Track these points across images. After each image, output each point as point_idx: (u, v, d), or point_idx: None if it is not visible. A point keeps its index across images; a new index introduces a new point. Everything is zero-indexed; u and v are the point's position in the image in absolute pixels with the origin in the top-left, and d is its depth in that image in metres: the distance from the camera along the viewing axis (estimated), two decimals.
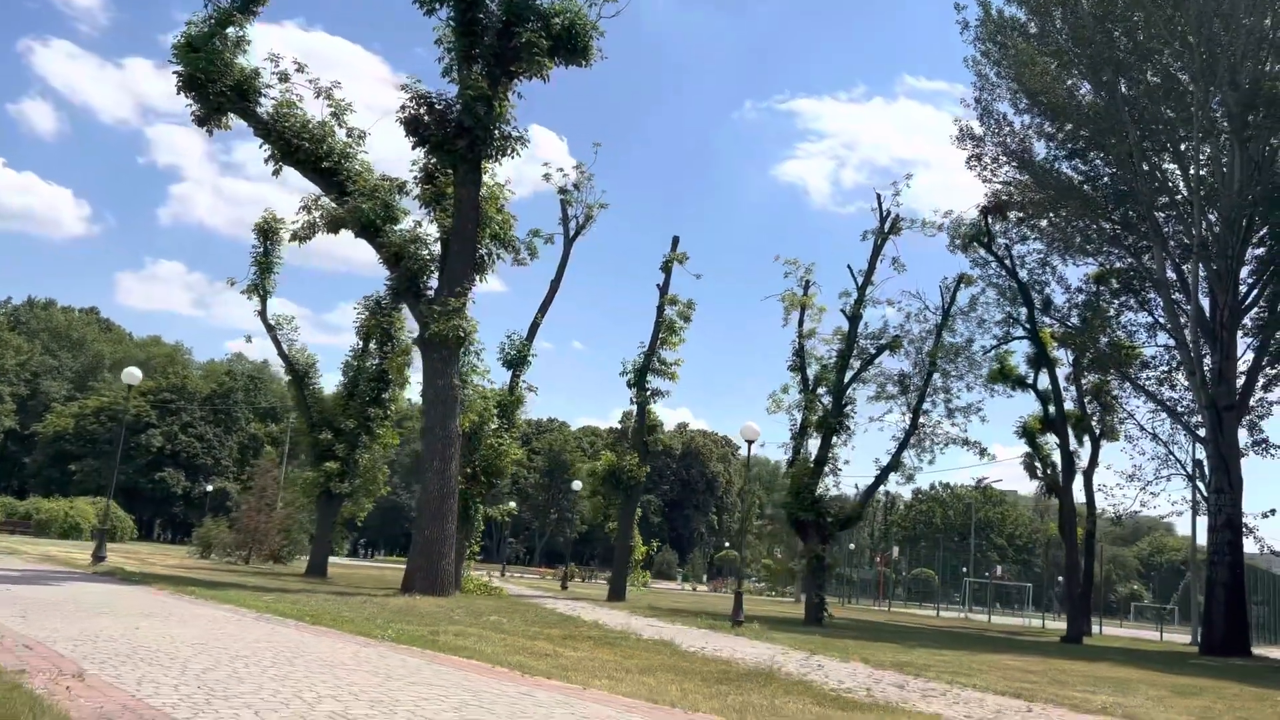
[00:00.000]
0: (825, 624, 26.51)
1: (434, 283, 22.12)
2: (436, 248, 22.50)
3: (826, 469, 29.27)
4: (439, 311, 20.42)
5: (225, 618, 11.60)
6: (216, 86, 21.19)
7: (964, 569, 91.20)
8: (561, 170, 28.88)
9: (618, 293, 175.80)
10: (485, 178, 21.90)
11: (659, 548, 47.22)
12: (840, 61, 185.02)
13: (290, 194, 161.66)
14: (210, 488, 74.53)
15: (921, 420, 30.94)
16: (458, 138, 20.61)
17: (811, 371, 30.83)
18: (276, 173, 22.16)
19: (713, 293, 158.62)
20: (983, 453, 33.54)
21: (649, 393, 32.96)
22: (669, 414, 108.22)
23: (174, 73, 21.33)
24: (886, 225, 29.79)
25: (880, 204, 29.97)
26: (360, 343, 31.43)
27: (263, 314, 30.28)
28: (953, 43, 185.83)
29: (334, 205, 22.13)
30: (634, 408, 33.56)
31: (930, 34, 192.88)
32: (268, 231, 30.54)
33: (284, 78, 22.26)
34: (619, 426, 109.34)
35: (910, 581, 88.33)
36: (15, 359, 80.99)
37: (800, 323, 31.08)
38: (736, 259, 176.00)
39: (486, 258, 22.56)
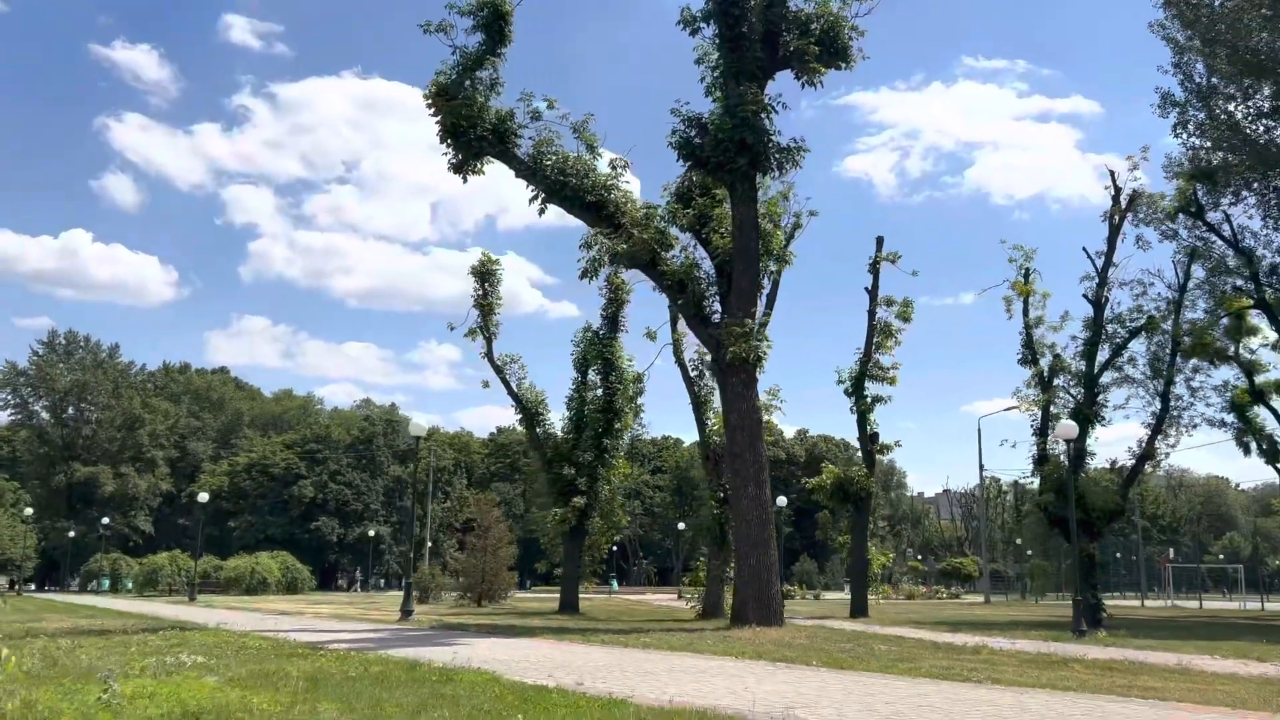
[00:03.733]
0: (1104, 625, 25.24)
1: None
2: (711, 270, 22.01)
3: (1085, 463, 28.14)
4: (736, 333, 19.87)
5: (738, 667, 11.07)
6: (476, 131, 21.07)
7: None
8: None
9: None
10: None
11: (893, 559, 45.68)
12: (895, 50, 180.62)
13: (364, 240, 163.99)
14: (373, 532, 75.53)
15: (1172, 403, 29.55)
16: (739, 155, 20.10)
17: (1045, 363, 29.73)
18: (542, 211, 21.89)
19: (791, 293, 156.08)
20: (1242, 433, 31.77)
21: (869, 400, 32.06)
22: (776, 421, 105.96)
23: (436, 121, 21.32)
24: (1124, 203, 28.55)
25: (1114, 180, 28.78)
26: (578, 375, 31.17)
27: (489, 355, 30.22)
28: (1011, 19, 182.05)
29: (607, 240, 21.76)
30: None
31: (987, 11, 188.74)
32: (485, 274, 30.51)
33: (536, 116, 22.08)
34: None
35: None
36: (165, 423, 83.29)
37: (1025, 312, 30.04)
38: (808, 257, 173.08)
39: (763, 274, 22.03)
